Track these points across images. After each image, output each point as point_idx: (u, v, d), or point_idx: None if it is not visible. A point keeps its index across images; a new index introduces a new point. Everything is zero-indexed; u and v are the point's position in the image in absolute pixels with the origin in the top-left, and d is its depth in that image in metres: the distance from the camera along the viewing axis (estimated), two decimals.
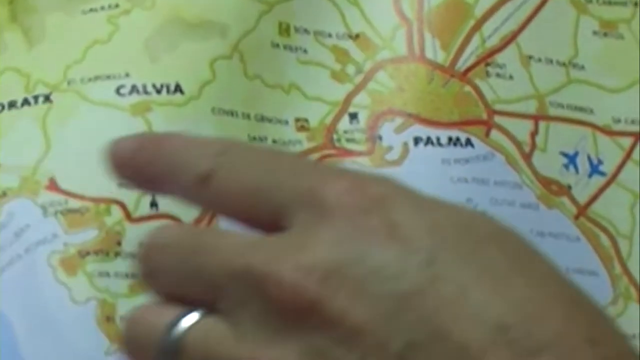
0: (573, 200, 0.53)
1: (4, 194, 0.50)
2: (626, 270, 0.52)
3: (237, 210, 0.37)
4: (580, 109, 0.54)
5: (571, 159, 0.53)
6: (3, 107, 0.51)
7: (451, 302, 0.35)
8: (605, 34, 0.55)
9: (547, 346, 0.34)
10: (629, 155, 0.54)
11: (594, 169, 0.53)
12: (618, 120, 0.54)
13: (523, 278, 0.35)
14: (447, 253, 0.35)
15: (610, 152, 0.54)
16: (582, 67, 0.54)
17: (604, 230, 0.53)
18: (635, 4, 0.55)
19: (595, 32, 0.55)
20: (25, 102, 0.51)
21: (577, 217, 0.52)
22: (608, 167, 0.53)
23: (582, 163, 0.53)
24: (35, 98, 0.51)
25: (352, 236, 0.35)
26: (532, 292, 0.35)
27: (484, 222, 0.36)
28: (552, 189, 0.52)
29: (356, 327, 0.35)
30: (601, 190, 0.53)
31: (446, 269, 0.35)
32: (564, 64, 0.54)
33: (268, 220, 0.36)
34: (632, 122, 0.54)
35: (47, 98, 0.51)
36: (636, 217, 0.53)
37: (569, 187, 0.53)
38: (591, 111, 0.54)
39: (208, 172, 0.37)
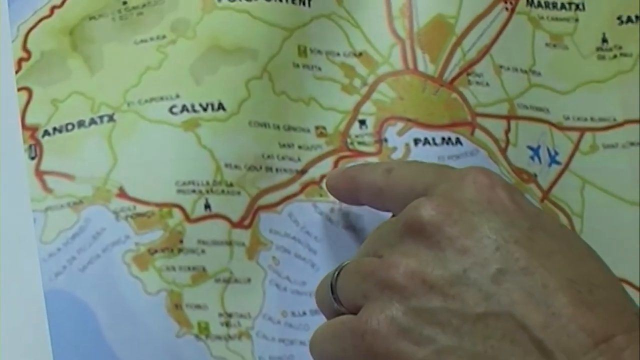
0: (538, 186, 0.53)
1: (81, 202, 0.49)
2: None
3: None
4: (540, 109, 0.54)
5: (535, 151, 0.53)
6: (73, 126, 0.50)
7: (541, 255, 0.40)
8: (554, 45, 0.55)
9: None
10: (577, 146, 0.54)
11: (552, 159, 0.54)
12: (567, 118, 0.54)
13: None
14: (541, 229, 0.41)
15: (563, 145, 0.54)
16: (539, 74, 0.54)
17: (562, 210, 0.53)
18: (576, 19, 0.55)
19: (547, 44, 0.55)
20: (92, 121, 0.50)
21: (542, 201, 0.53)
22: (562, 157, 0.54)
23: (544, 155, 0.53)
24: (101, 118, 0.50)
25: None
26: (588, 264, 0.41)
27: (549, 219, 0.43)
28: (523, 177, 0.53)
29: (465, 247, 0.41)
30: (558, 177, 0.53)
31: (541, 236, 0.41)
32: (525, 72, 0.54)
33: None
34: (578, 119, 0.54)
35: (110, 118, 0.50)
36: (585, 199, 0.53)
37: (535, 175, 0.53)
38: (547, 111, 0.54)
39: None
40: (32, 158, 0.50)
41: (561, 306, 0.38)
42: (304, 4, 0.52)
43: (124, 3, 0.52)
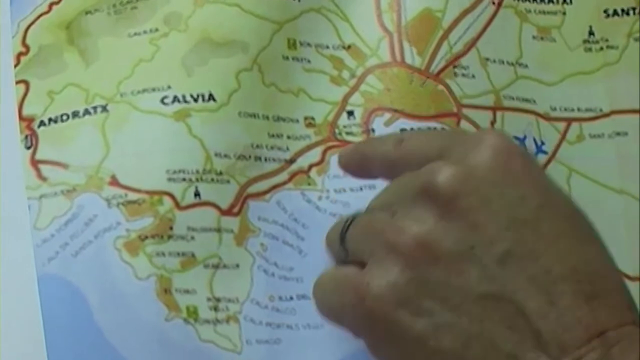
0: None
1: (74, 189, 0.48)
2: None
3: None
4: (526, 100, 0.53)
5: (522, 141, 0.52)
6: (68, 117, 0.50)
7: (547, 238, 0.38)
8: (542, 38, 0.54)
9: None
10: (563, 136, 0.53)
11: (539, 149, 0.53)
12: (554, 109, 0.53)
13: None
14: (550, 208, 0.39)
15: (549, 135, 0.53)
16: (526, 66, 0.53)
17: None
18: (564, 13, 0.54)
19: (534, 37, 0.54)
20: (86, 112, 0.50)
21: None
22: (549, 147, 0.53)
23: (530, 145, 0.52)
24: (94, 108, 0.50)
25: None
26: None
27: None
28: None
29: (475, 223, 0.39)
30: (545, 166, 0.52)
31: (549, 217, 0.39)
32: (512, 64, 0.53)
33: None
34: (565, 109, 0.53)
35: (104, 108, 0.49)
36: (572, 187, 0.53)
37: None
38: (534, 102, 0.53)
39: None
40: (28, 148, 0.49)
41: (560, 296, 0.37)
42: None
43: None
